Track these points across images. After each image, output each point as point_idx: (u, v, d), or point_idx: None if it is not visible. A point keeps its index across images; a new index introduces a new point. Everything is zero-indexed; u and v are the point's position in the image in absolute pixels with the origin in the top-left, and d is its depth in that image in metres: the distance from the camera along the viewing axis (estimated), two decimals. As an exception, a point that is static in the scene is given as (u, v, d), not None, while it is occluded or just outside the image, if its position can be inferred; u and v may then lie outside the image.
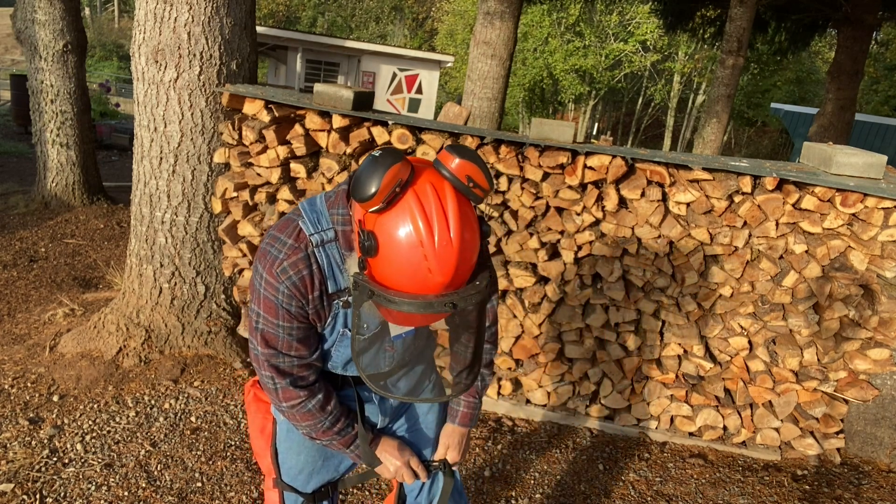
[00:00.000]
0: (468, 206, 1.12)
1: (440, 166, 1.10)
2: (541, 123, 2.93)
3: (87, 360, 3.25)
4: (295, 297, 1.25)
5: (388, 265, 1.07)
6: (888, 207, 2.70)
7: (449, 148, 1.12)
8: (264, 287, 1.24)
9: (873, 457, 3.12)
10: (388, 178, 1.03)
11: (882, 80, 21.41)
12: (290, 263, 1.23)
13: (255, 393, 1.63)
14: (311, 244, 1.24)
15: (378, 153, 1.06)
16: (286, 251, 1.23)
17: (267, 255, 1.25)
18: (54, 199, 6.11)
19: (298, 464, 1.53)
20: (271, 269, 1.23)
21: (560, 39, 23.33)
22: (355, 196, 1.06)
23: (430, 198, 1.06)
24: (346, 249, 1.26)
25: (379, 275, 1.10)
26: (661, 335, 3.07)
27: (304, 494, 1.55)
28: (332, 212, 1.26)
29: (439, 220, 1.05)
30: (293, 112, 3.14)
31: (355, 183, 1.05)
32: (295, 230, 1.25)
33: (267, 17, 32.54)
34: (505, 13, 5.87)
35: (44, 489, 2.41)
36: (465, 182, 1.09)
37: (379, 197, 1.03)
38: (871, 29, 8.54)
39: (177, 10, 3.05)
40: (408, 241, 1.05)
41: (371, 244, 1.07)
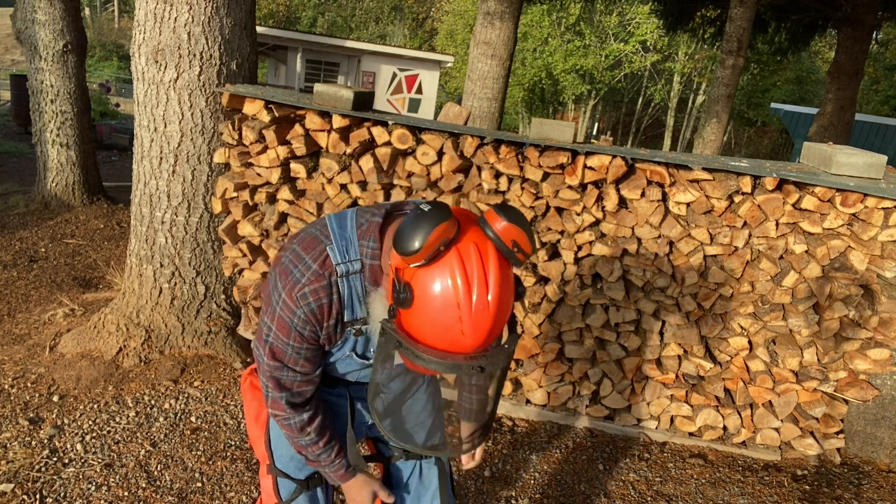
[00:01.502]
0: (508, 268, 1.11)
1: (485, 225, 1.09)
2: (541, 123, 2.93)
3: (87, 360, 3.25)
4: (310, 323, 1.24)
5: (421, 319, 1.06)
6: (888, 207, 2.70)
7: (497, 208, 1.11)
8: (281, 307, 1.24)
9: (873, 457, 3.12)
10: (434, 237, 1.01)
11: (882, 80, 21.41)
12: (311, 290, 1.22)
13: (251, 381, 1.65)
14: (335, 273, 1.23)
15: (427, 208, 1.04)
16: (310, 276, 1.22)
17: (289, 275, 1.23)
18: (54, 199, 6.11)
19: (290, 451, 1.54)
20: (291, 293, 1.22)
21: (560, 39, 23.33)
22: (397, 248, 1.03)
23: (473, 259, 1.05)
24: (370, 283, 1.25)
25: (409, 325, 1.09)
26: (661, 335, 3.07)
27: (297, 480, 1.57)
28: (362, 242, 1.24)
29: (479, 283, 1.04)
30: (293, 112, 3.14)
31: (399, 235, 1.03)
32: (321, 255, 1.24)
33: (267, 17, 32.53)
34: (505, 13, 5.87)
35: (44, 489, 2.41)
36: (510, 246, 1.09)
37: (423, 254, 1.02)
38: (871, 29, 8.54)
39: (177, 10, 3.05)
40: (445, 300, 1.03)
41: (406, 297, 1.06)
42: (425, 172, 3.02)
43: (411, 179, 3.05)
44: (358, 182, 3.06)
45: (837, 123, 8.53)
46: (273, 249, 3.26)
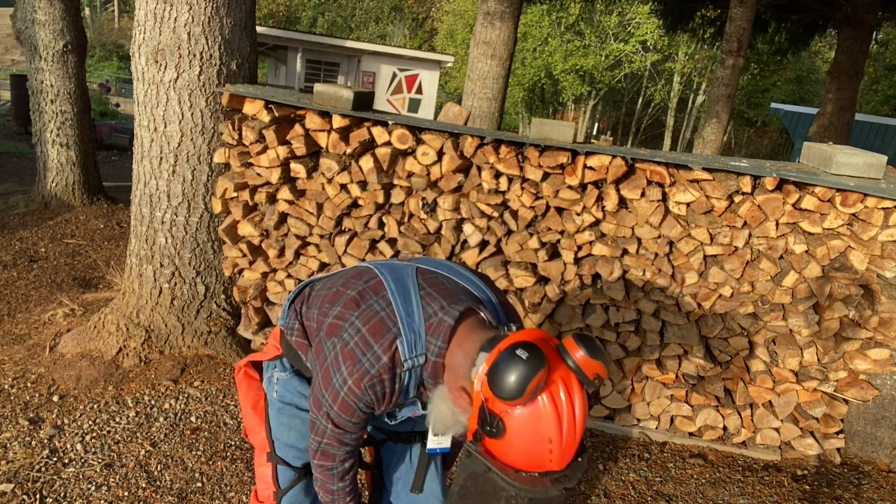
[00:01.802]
0: (586, 395, 1.16)
1: (567, 355, 1.13)
2: (541, 123, 2.93)
3: (87, 360, 3.25)
4: (373, 405, 1.30)
5: (511, 449, 1.12)
6: (888, 207, 2.70)
7: (577, 339, 1.15)
8: (346, 392, 1.28)
9: (873, 457, 3.12)
10: (533, 386, 1.07)
11: (882, 80, 21.40)
12: (378, 380, 1.27)
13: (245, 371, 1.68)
14: (402, 367, 1.28)
15: (525, 355, 1.08)
16: (380, 368, 1.27)
17: (357, 363, 1.27)
18: (54, 199, 6.11)
19: (290, 439, 1.59)
20: (360, 382, 1.27)
21: (560, 39, 23.33)
22: (497, 392, 1.08)
23: (563, 397, 1.10)
24: (430, 376, 1.30)
25: (496, 451, 1.14)
26: (661, 335, 3.07)
27: (295, 468, 1.60)
28: (430, 339, 1.28)
29: (569, 418, 1.10)
30: (293, 112, 3.14)
31: (499, 380, 1.08)
32: (391, 347, 1.27)
33: (267, 17, 32.53)
34: (505, 13, 5.87)
35: (44, 489, 2.41)
36: (592, 378, 1.13)
37: (521, 401, 1.07)
38: (871, 29, 8.54)
39: (177, 10, 3.05)
40: (538, 436, 1.09)
41: (498, 431, 1.11)
42: (425, 172, 3.02)
43: (411, 179, 3.05)
44: (358, 182, 3.06)
45: (837, 123, 8.53)
46: (273, 249, 3.26)
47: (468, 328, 1.28)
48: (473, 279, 1.44)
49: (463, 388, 1.23)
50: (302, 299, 1.56)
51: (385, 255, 3.14)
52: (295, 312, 1.55)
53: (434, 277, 1.40)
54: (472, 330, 1.27)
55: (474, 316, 1.31)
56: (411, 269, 1.41)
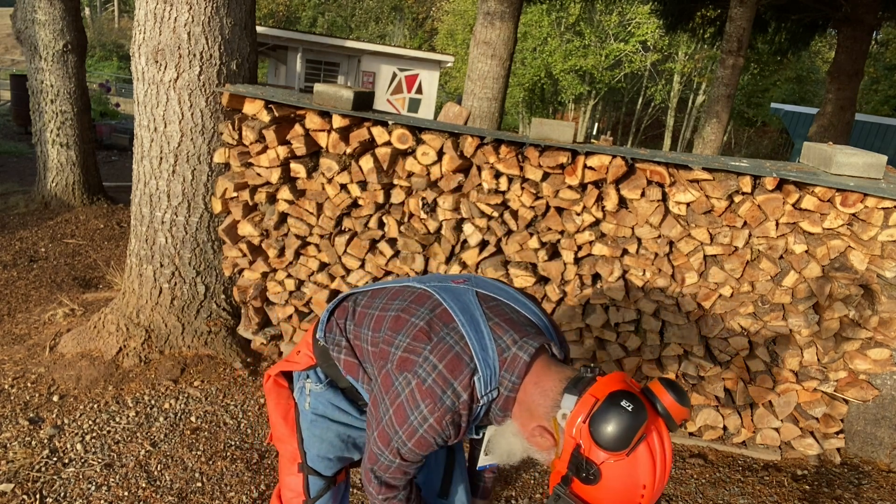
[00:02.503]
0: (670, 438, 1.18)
1: (655, 400, 1.15)
2: (541, 123, 2.93)
3: (87, 360, 3.25)
4: (449, 438, 1.30)
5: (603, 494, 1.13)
6: (888, 207, 2.70)
7: (665, 384, 1.17)
8: (426, 429, 1.27)
9: (873, 457, 3.12)
10: (637, 438, 1.09)
11: (882, 80, 21.41)
12: (458, 416, 1.27)
13: (275, 380, 1.67)
14: (478, 402, 1.27)
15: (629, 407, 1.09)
16: (460, 405, 1.26)
17: (438, 401, 1.26)
18: (54, 199, 6.11)
19: (322, 450, 1.60)
20: (441, 420, 1.26)
21: (560, 39, 23.33)
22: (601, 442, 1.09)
23: (657, 447, 1.12)
24: (500, 409, 1.30)
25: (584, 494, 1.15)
26: (661, 335, 3.07)
27: (325, 477, 1.62)
28: (504, 374, 1.28)
29: (661, 466, 1.12)
30: (293, 112, 3.14)
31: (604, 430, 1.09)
32: (469, 385, 1.26)
33: (267, 17, 32.53)
34: (505, 13, 5.87)
35: (44, 489, 2.41)
36: (679, 424, 1.15)
37: (626, 452, 1.09)
38: (871, 29, 8.54)
39: (177, 10, 3.05)
40: (633, 483, 1.11)
41: (594, 478, 1.12)
42: (425, 172, 3.02)
43: (411, 179, 3.05)
44: (358, 182, 3.06)
45: (837, 123, 8.53)
46: (273, 249, 3.26)
47: (542, 365, 1.28)
48: (528, 304, 1.45)
49: (543, 427, 1.22)
50: (344, 314, 1.52)
51: (385, 255, 3.14)
52: (339, 329, 1.51)
53: (497, 306, 1.39)
54: (548, 367, 1.27)
55: (546, 352, 1.32)
56: (472, 294, 1.40)
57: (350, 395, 1.57)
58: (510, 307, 1.40)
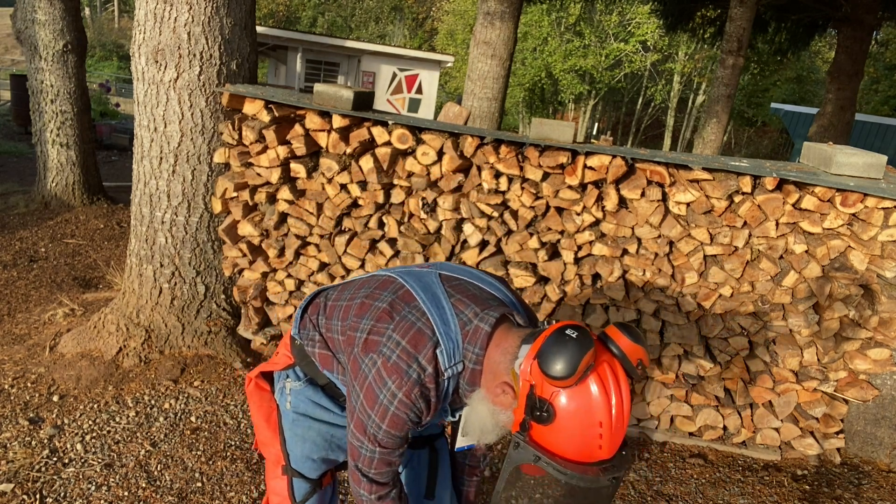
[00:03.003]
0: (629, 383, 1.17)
1: (610, 342, 1.15)
2: (541, 123, 2.93)
3: (87, 360, 3.25)
4: (422, 415, 1.31)
5: (560, 435, 1.12)
6: (888, 207, 2.70)
7: (619, 327, 1.17)
8: (396, 406, 1.28)
9: (873, 457, 3.12)
10: (584, 364, 1.08)
11: (882, 80, 21.41)
12: (426, 389, 1.28)
13: (256, 383, 1.66)
14: (444, 375, 1.29)
15: (574, 334, 1.10)
16: (426, 378, 1.27)
17: (404, 375, 1.27)
18: (54, 199, 6.11)
19: (305, 450, 1.57)
20: (410, 393, 1.27)
21: (560, 39, 23.33)
22: (547, 371, 1.08)
23: (611, 382, 1.12)
24: (467, 383, 1.31)
25: (544, 440, 1.15)
26: (661, 335, 3.07)
27: (310, 480, 1.60)
28: (467, 347, 1.29)
29: (618, 403, 1.11)
30: (293, 112, 3.14)
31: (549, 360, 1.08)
32: (432, 357, 1.28)
33: (267, 17, 32.54)
34: (505, 13, 5.87)
35: (44, 489, 2.41)
36: (635, 364, 1.15)
37: (573, 379, 1.08)
38: (871, 29, 8.54)
39: (177, 10, 3.05)
40: (588, 420, 1.10)
41: (548, 416, 1.11)
42: (425, 172, 3.02)
43: (411, 179, 3.05)
44: (358, 182, 3.06)
45: (837, 123, 8.53)
46: (273, 249, 3.26)
47: (504, 331, 1.29)
48: (493, 282, 1.45)
49: (505, 382, 1.23)
50: (316, 310, 1.54)
51: (385, 255, 3.14)
52: (312, 324, 1.53)
53: (459, 284, 1.40)
54: (509, 331, 1.29)
55: (508, 321, 1.33)
56: (434, 276, 1.41)
57: (330, 392, 1.57)
58: (473, 285, 1.42)
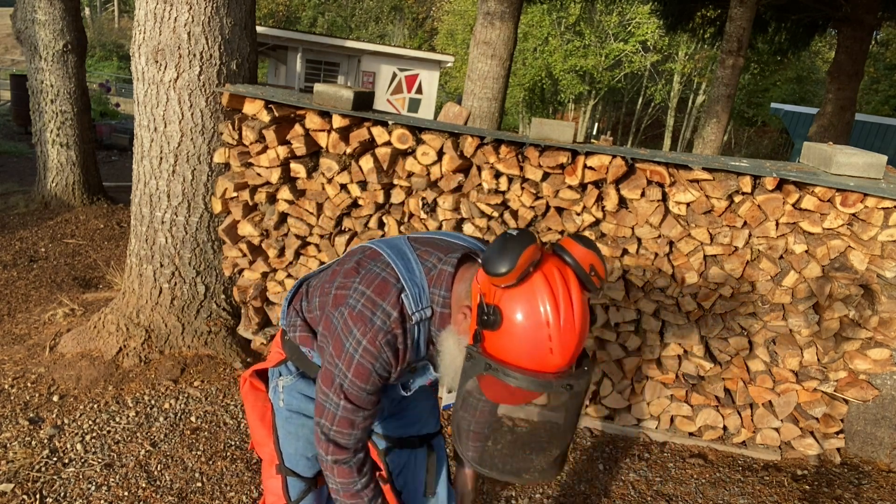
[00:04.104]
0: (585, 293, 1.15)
1: (563, 252, 1.14)
2: (541, 123, 2.93)
3: (87, 360, 3.25)
4: (389, 366, 1.30)
5: (509, 340, 1.10)
6: (888, 207, 2.70)
7: (572, 236, 1.17)
8: (361, 353, 1.27)
9: (873, 457, 3.12)
10: (525, 259, 1.06)
11: (882, 80, 21.42)
12: (392, 336, 1.27)
13: (251, 382, 1.66)
14: (411, 321, 1.28)
15: (515, 233, 1.09)
16: (391, 323, 1.27)
17: (368, 322, 1.27)
18: (54, 199, 6.11)
19: (298, 448, 1.57)
20: (375, 340, 1.26)
21: (560, 39, 23.33)
22: (488, 269, 1.07)
23: (558, 280, 1.10)
24: (438, 329, 1.31)
25: (495, 349, 1.13)
26: (661, 335, 3.07)
27: (305, 479, 1.59)
28: (433, 290, 1.29)
29: (565, 301, 1.09)
30: (293, 112, 3.14)
31: (490, 258, 1.08)
32: (398, 303, 1.28)
33: (267, 17, 32.54)
34: (505, 13, 5.87)
35: (44, 489, 2.41)
36: (588, 271, 1.13)
37: (514, 275, 1.06)
38: (871, 29, 8.54)
39: (177, 10, 3.05)
40: (535, 319, 1.08)
41: (495, 319, 1.10)
42: (425, 172, 3.02)
43: (411, 179, 3.05)
44: (358, 182, 3.06)
45: (837, 123, 8.53)
46: (273, 249, 3.26)
47: (466, 267, 1.30)
48: (462, 236, 1.48)
49: (466, 306, 1.23)
50: (300, 298, 1.56)
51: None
52: (295, 311, 1.55)
53: (426, 240, 1.42)
54: (472, 266, 1.30)
55: (471, 259, 1.34)
56: (403, 238, 1.45)
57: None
58: (440, 239, 1.43)
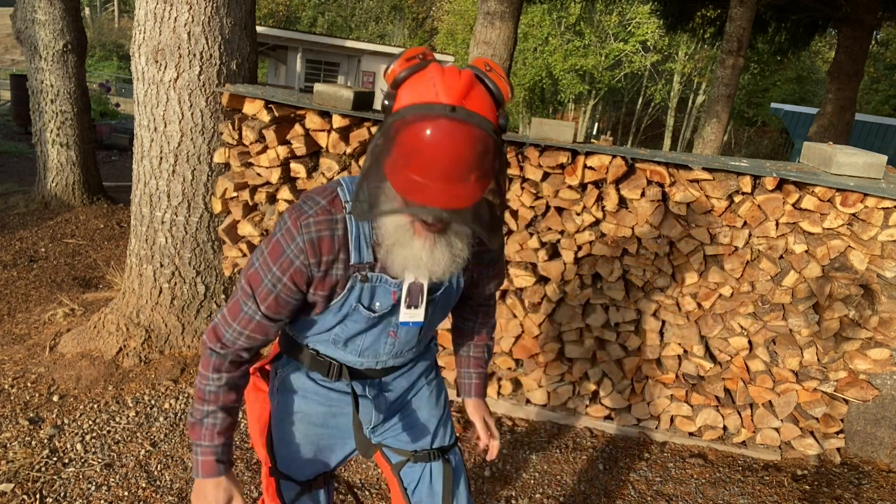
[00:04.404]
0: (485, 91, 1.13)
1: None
2: (541, 123, 2.93)
3: (87, 360, 3.25)
4: (304, 253, 1.23)
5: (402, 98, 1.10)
6: (888, 207, 2.70)
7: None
8: (282, 233, 1.24)
9: (873, 457, 3.12)
10: (410, 52, 1.12)
11: (882, 80, 21.42)
12: (316, 221, 1.23)
13: (254, 381, 1.64)
14: (344, 211, 1.24)
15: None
16: (317, 209, 1.24)
17: (298, 208, 1.26)
18: (54, 199, 6.11)
19: (290, 453, 1.53)
20: (297, 221, 1.23)
21: (560, 39, 23.34)
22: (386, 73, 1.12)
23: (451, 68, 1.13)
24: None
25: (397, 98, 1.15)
26: (661, 335, 3.07)
27: (299, 483, 1.55)
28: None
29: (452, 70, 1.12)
30: (293, 112, 3.14)
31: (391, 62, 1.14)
32: (332, 195, 1.26)
33: (267, 17, 32.55)
34: (505, 13, 5.87)
35: (44, 489, 2.41)
36: (484, 68, 1.13)
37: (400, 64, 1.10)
38: (871, 29, 8.54)
39: (177, 10, 3.05)
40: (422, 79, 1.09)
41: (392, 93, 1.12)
42: (425, 172, 3.02)
43: (411, 179, 3.05)
44: (358, 182, 3.05)
45: (837, 123, 8.53)
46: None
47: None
48: None
49: None
50: None
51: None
52: None
53: None
54: None
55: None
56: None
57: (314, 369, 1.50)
58: None
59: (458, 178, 1.04)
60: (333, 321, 1.35)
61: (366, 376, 1.50)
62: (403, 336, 1.42)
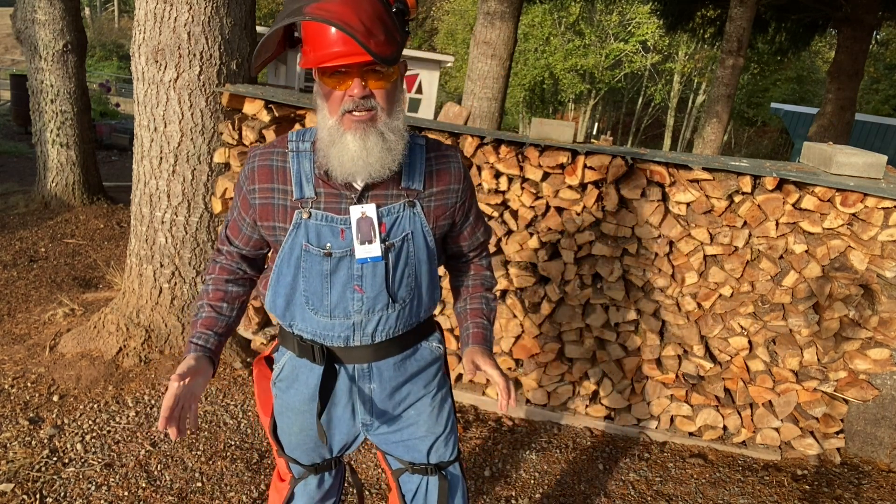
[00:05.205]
0: None
1: None
2: (541, 123, 2.93)
3: (87, 360, 3.25)
4: (249, 180, 1.39)
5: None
6: (888, 207, 2.70)
7: None
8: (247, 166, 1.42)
9: (873, 457, 3.12)
10: None
11: (882, 80, 21.43)
12: (259, 153, 1.39)
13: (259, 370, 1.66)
14: (287, 147, 1.38)
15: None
16: (264, 146, 1.41)
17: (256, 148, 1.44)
18: (54, 199, 6.11)
19: (291, 443, 1.59)
20: (254, 152, 1.42)
21: (560, 39, 23.35)
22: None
23: None
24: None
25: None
26: (661, 335, 3.07)
27: (304, 466, 1.61)
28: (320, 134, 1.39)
29: None
30: (293, 112, 3.14)
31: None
32: (283, 137, 1.42)
33: (267, 17, 32.52)
34: (505, 13, 5.87)
35: (44, 489, 2.41)
36: None
37: None
38: (871, 29, 8.54)
39: (177, 10, 3.05)
40: None
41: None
42: (425, 172, 3.02)
43: (411, 179, 3.05)
44: (358, 182, 3.05)
45: (837, 123, 8.53)
46: (273, 249, 3.26)
47: None
48: None
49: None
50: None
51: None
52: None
53: None
54: None
55: None
56: None
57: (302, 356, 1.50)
58: None
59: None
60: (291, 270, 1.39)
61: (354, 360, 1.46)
62: (369, 289, 1.38)
